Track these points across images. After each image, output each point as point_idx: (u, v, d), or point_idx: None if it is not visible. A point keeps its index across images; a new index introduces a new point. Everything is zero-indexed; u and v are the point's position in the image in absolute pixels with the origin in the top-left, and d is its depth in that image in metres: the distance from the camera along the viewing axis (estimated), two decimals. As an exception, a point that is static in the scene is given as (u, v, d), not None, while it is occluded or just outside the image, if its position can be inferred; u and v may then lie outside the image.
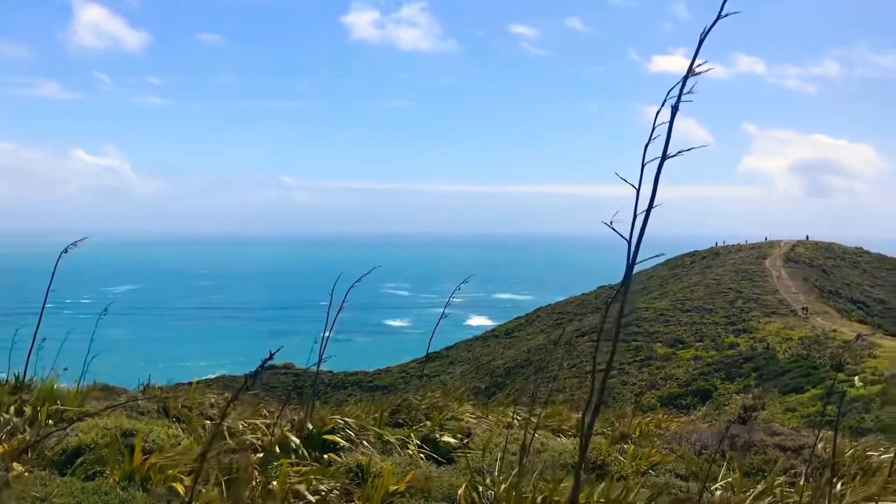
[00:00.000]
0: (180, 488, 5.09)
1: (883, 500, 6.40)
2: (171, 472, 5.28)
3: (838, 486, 6.77)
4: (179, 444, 6.03)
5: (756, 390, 57.86)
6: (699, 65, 2.88)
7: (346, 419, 7.08)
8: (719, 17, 2.86)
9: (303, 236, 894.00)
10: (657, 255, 3.19)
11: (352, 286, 6.22)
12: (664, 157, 2.98)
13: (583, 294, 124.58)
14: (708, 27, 2.83)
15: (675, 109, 2.93)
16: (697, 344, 74.12)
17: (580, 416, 10.12)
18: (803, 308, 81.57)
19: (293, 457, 6.00)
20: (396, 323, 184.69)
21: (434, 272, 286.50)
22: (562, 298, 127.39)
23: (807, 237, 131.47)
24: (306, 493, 5.18)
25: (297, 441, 6.08)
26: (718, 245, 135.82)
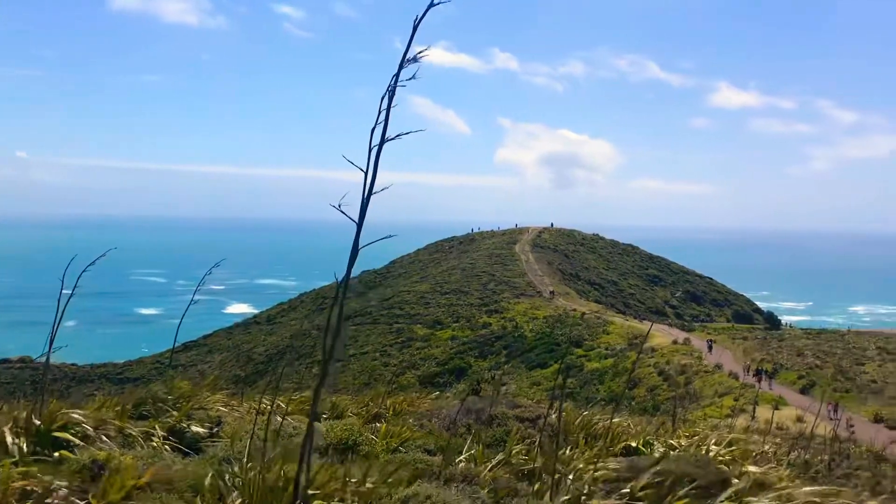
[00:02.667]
0: None
1: (604, 460, 7.11)
2: None
3: (567, 450, 7.43)
4: None
5: (505, 366, 61.75)
6: (421, 52, 3.02)
7: (81, 414, 6.56)
8: (431, 4, 2.99)
9: (45, 218, 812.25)
10: (387, 237, 3.28)
11: (84, 270, 5.75)
12: (383, 140, 3.10)
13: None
14: (420, 15, 2.97)
15: (391, 94, 3.05)
16: (454, 324, 77.56)
17: (335, 398, 10.20)
18: (551, 292, 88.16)
19: (17, 457, 5.46)
20: (150, 311, 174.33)
21: (192, 258, 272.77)
22: (326, 283, 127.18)
23: (552, 224, 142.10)
24: (35, 488, 4.74)
25: (18, 440, 5.54)
26: (474, 231, 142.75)
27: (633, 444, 8.38)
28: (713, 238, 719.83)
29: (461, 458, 6.91)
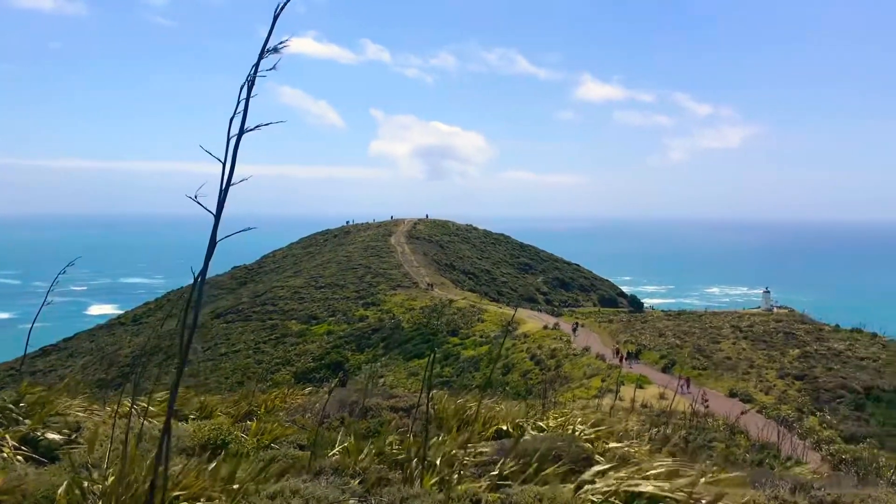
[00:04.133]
0: None
1: (475, 444, 7.27)
2: None
3: (440, 437, 7.55)
4: None
5: (383, 359, 61.79)
6: (283, 42, 2.99)
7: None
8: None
9: None
10: (246, 229, 3.23)
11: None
12: (241, 131, 3.04)
13: (217, 276, 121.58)
14: (282, 4, 2.94)
15: (251, 84, 3.01)
16: (330, 319, 76.80)
17: (204, 398, 9.91)
18: (429, 284, 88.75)
19: None
20: (2, 315, 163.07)
21: (52, 257, 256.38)
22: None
23: (426, 216, 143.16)
24: None
25: None
26: (349, 224, 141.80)
27: (504, 428, 8.62)
28: (581, 226, 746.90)
29: (334, 451, 6.88)
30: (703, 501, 4.69)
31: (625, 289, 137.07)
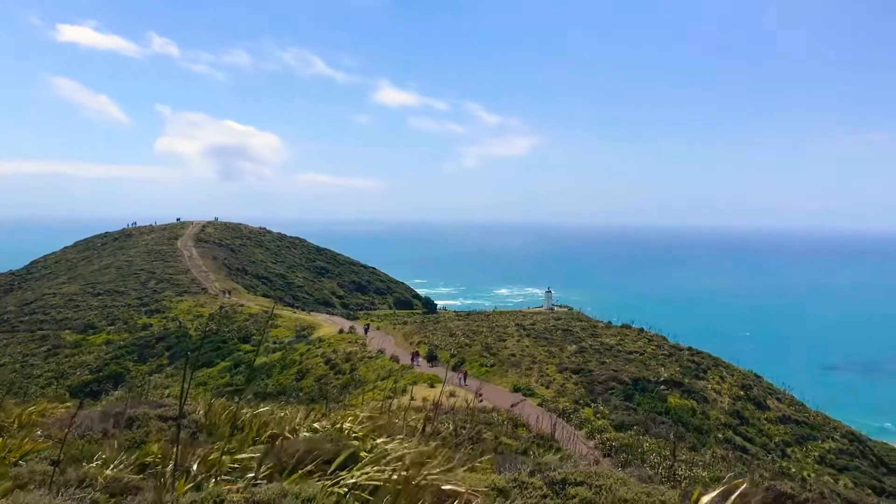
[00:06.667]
0: None
1: (244, 449, 7.24)
2: None
3: (210, 444, 7.43)
4: None
5: (168, 368, 58.95)
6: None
7: None
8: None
9: None
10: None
11: None
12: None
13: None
14: None
15: None
16: (109, 328, 71.95)
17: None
18: (224, 291, 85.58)
19: None
20: None
21: None
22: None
23: (216, 219, 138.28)
24: None
25: None
26: (131, 226, 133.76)
27: (278, 431, 8.63)
28: (378, 230, 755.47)
29: (92, 464, 6.59)
30: (449, 486, 5.05)
31: (420, 291, 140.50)
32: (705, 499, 5.35)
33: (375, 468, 5.38)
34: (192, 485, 5.07)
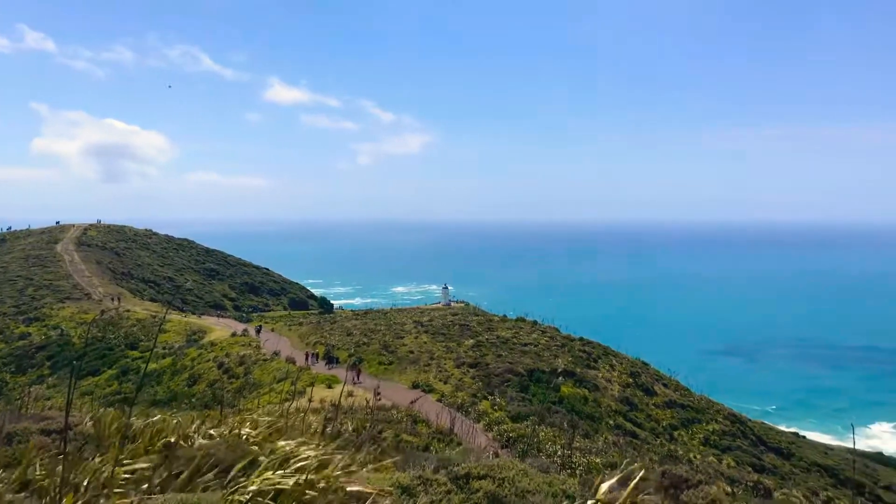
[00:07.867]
0: None
1: (137, 460, 6.94)
2: None
3: (98, 456, 7.09)
4: None
5: (51, 379, 56.03)
6: None
7: None
8: None
9: None
10: None
11: None
12: None
13: None
14: None
15: None
16: (-17, 339, 67.59)
17: None
18: (113, 298, 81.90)
19: None
20: None
21: None
22: None
23: (98, 221, 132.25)
24: None
25: None
26: (5, 231, 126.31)
27: (173, 440, 8.33)
28: (271, 230, 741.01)
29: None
30: (355, 487, 5.00)
31: (315, 291, 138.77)
32: (605, 486, 5.51)
33: (278, 473, 5.27)
34: (81, 501, 4.82)
